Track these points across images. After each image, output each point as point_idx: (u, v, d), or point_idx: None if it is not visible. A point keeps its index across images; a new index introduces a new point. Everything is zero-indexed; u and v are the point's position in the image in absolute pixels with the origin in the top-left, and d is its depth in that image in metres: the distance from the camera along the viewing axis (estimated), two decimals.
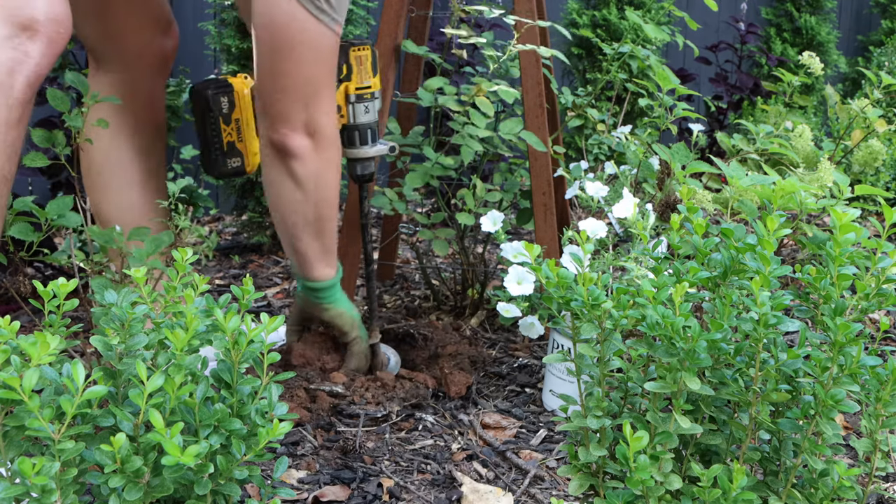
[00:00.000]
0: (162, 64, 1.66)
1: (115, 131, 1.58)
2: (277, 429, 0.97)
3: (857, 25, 5.58)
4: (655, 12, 3.47)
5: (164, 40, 1.64)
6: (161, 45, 1.64)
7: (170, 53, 1.66)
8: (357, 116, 1.69)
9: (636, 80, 2.43)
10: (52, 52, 1.25)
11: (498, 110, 2.14)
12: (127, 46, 1.60)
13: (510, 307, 1.65)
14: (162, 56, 1.65)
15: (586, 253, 1.10)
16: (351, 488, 1.40)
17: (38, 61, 1.24)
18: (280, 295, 2.37)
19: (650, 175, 2.02)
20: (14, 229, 1.42)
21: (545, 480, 1.45)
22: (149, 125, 1.66)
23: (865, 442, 1.09)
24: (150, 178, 1.66)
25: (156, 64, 1.64)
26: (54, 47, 1.25)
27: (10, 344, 0.91)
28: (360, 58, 1.68)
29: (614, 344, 1.08)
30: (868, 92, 2.44)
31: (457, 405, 1.69)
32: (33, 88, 1.25)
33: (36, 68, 1.24)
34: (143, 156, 1.65)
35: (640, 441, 0.96)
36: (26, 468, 0.84)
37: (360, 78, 1.68)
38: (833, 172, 1.91)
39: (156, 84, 1.67)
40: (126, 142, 1.62)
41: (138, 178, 1.64)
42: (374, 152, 1.73)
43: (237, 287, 1.09)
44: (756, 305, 1.00)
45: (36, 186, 2.80)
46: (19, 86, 1.22)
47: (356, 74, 1.68)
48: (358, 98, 1.68)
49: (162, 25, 1.63)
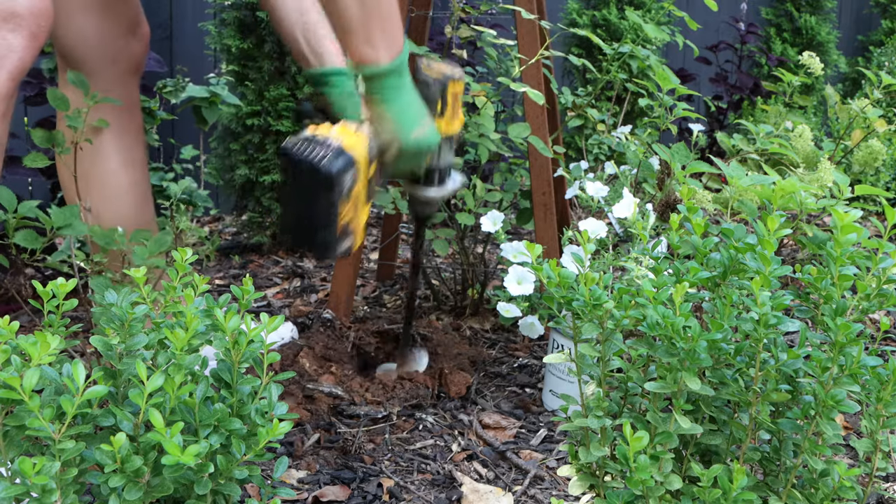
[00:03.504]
0: (135, 68, 1.64)
1: (98, 138, 1.57)
2: (277, 429, 0.97)
3: (857, 25, 5.58)
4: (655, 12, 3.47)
5: (136, 43, 1.62)
6: (133, 48, 1.62)
7: (141, 57, 1.64)
8: (442, 156, 1.51)
9: (636, 80, 2.43)
10: (35, 45, 1.24)
11: (497, 110, 2.14)
12: (101, 50, 1.57)
13: (510, 307, 1.65)
14: (134, 60, 1.63)
15: (588, 253, 1.10)
16: (351, 488, 1.40)
17: (20, 55, 1.22)
18: (280, 295, 2.37)
19: (650, 175, 2.02)
20: (20, 237, 1.41)
21: (545, 480, 1.45)
22: (128, 130, 1.64)
23: (866, 442, 1.09)
24: (135, 184, 1.66)
25: (129, 68, 1.62)
26: (36, 41, 1.24)
27: (11, 344, 0.91)
28: (457, 94, 1.49)
29: (615, 344, 1.08)
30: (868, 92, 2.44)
31: (457, 405, 1.69)
32: (16, 82, 1.23)
33: (19, 62, 1.22)
34: (126, 160, 1.64)
35: (640, 441, 0.96)
36: (26, 468, 0.84)
37: (452, 116, 1.50)
38: (833, 172, 1.92)
39: (130, 88, 1.64)
40: (108, 146, 1.61)
41: (124, 182, 1.64)
42: (450, 191, 1.55)
43: (237, 287, 1.09)
44: (756, 305, 1.00)
45: (36, 187, 2.80)
46: (2, 79, 1.20)
47: (450, 112, 1.49)
48: (446, 139, 1.50)
49: (133, 28, 1.62)
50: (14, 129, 2.26)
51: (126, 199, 1.65)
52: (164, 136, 2.99)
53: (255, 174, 2.62)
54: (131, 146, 1.65)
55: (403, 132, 1.39)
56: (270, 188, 2.65)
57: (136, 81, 1.66)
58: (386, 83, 1.38)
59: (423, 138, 1.41)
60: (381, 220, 3.07)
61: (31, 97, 2.22)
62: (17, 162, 2.06)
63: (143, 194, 1.68)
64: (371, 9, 1.34)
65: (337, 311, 2.00)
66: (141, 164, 1.68)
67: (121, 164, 1.63)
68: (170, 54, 3.11)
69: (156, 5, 3.07)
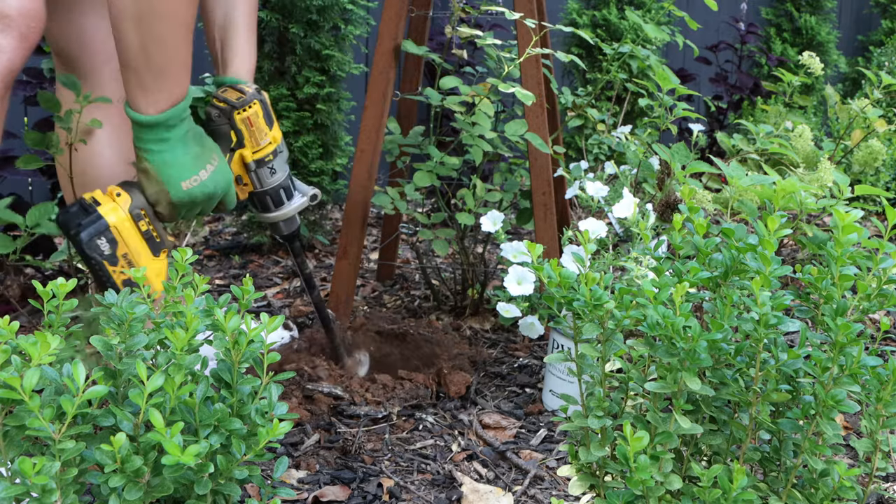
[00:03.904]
0: None
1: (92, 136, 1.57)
2: (277, 429, 0.97)
3: (857, 25, 5.58)
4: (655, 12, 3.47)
5: None
6: None
7: None
8: (263, 181, 1.51)
9: (636, 80, 2.43)
10: (25, 46, 1.23)
11: (498, 110, 2.14)
12: (95, 49, 1.56)
13: (510, 307, 1.65)
14: None
15: (588, 253, 1.10)
16: (351, 488, 1.40)
17: (9, 56, 1.22)
18: (280, 295, 2.37)
19: (650, 175, 2.02)
20: None
21: (545, 480, 1.45)
22: (123, 128, 1.64)
23: (866, 442, 1.09)
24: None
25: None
26: (27, 42, 1.23)
27: (11, 344, 0.91)
28: (248, 119, 1.45)
29: (615, 344, 1.08)
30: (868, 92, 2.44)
31: (457, 405, 1.69)
32: (5, 83, 1.22)
33: (8, 63, 1.22)
34: (122, 157, 1.64)
35: (640, 441, 0.95)
36: (26, 468, 0.84)
37: (255, 141, 1.47)
38: (833, 172, 1.92)
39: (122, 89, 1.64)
40: (103, 144, 1.61)
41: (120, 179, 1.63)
42: (293, 209, 1.55)
43: (237, 287, 1.09)
44: (756, 305, 1.00)
45: (36, 187, 2.80)
46: None
47: (249, 139, 1.46)
48: (258, 163, 1.48)
49: None
50: (14, 130, 2.26)
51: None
52: None
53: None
54: (126, 143, 1.65)
55: (171, 185, 1.32)
56: None
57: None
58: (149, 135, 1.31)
59: (201, 187, 1.34)
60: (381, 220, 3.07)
61: (30, 97, 2.22)
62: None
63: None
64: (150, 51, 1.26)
65: (337, 311, 2.00)
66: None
67: (116, 162, 1.63)
68: None
69: None
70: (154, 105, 1.29)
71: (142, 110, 1.29)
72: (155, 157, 1.31)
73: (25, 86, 2.24)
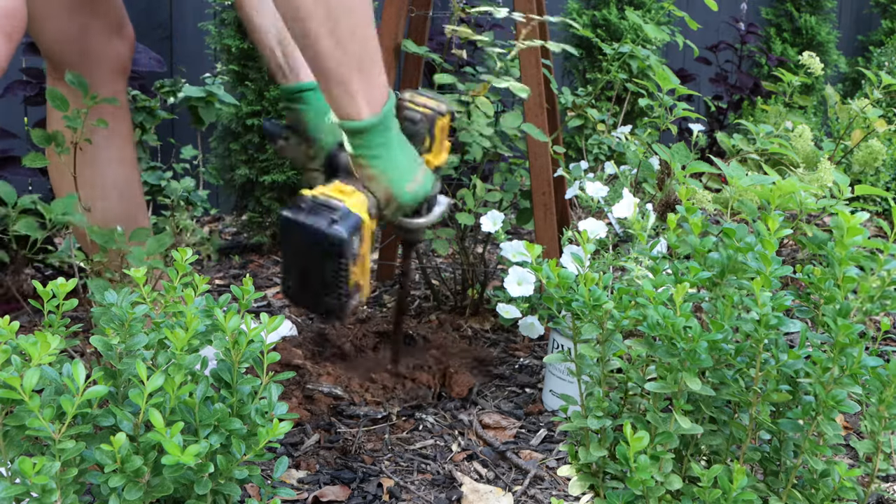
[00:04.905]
0: (121, 69, 1.63)
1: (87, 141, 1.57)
2: (277, 428, 0.97)
3: (857, 25, 5.58)
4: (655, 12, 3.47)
5: (121, 44, 1.61)
6: (118, 49, 1.61)
7: (126, 58, 1.63)
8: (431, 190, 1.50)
9: (636, 80, 2.43)
10: (10, 45, 1.22)
11: (497, 110, 2.14)
12: (84, 51, 1.57)
13: (510, 308, 1.65)
14: (119, 61, 1.62)
15: (587, 253, 1.10)
16: (351, 488, 1.40)
17: None
18: (280, 295, 2.37)
19: (650, 175, 2.02)
20: (21, 224, 1.41)
21: (545, 480, 1.45)
22: (117, 131, 1.64)
23: (867, 443, 1.09)
24: (126, 183, 1.65)
25: (115, 69, 1.62)
26: (11, 41, 1.23)
27: (11, 344, 0.91)
28: (444, 128, 1.46)
29: (615, 344, 1.08)
30: (868, 92, 2.44)
31: (457, 405, 1.69)
32: None
33: None
34: (116, 159, 1.64)
35: (640, 441, 0.96)
36: (26, 468, 0.84)
37: (441, 148, 1.48)
38: (833, 172, 1.92)
39: (116, 89, 1.63)
40: (98, 146, 1.61)
41: (116, 180, 1.63)
42: (437, 216, 1.53)
43: (237, 287, 1.09)
44: (757, 306, 1.00)
45: (36, 187, 2.80)
46: None
47: (437, 145, 1.47)
48: (436, 170, 1.49)
49: (117, 29, 1.61)
50: (14, 129, 2.26)
51: (117, 199, 1.64)
52: (163, 135, 2.99)
53: (255, 174, 2.62)
54: (121, 146, 1.65)
55: (398, 189, 1.32)
56: (270, 188, 2.65)
57: (122, 82, 1.65)
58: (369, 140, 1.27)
59: (420, 188, 1.35)
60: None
61: (31, 97, 2.22)
62: (17, 162, 2.05)
63: (134, 193, 1.68)
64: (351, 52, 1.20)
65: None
66: (131, 163, 1.68)
67: (111, 164, 1.63)
68: (170, 54, 3.10)
69: (156, 5, 3.07)
70: (369, 105, 1.25)
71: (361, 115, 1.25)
72: (379, 162, 1.30)
73: (26, 86, 2.24)
